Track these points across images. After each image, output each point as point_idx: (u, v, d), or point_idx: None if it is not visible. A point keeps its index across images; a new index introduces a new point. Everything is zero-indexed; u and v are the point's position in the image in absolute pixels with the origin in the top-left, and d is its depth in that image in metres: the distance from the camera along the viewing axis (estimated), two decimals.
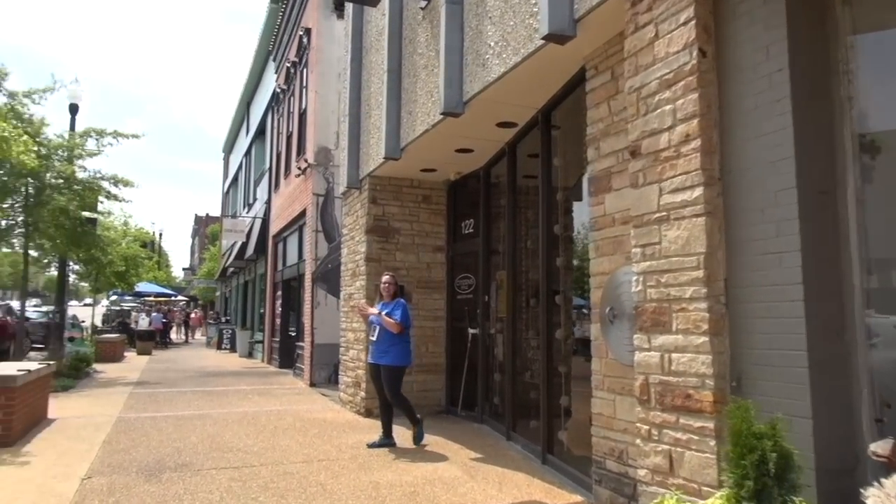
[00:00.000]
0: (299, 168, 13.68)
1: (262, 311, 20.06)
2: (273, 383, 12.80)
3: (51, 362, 8.29)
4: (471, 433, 7.42)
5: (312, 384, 12.30)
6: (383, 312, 6.91)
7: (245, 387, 12.09)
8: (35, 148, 11.87)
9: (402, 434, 6.85)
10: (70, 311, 31.53)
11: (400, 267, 8.82)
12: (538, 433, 6.09)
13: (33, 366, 7.58)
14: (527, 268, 6.83)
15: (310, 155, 13.10)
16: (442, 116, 6.22)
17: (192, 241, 79.34)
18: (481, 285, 8.10)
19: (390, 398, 6.86)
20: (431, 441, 6.88)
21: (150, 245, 36.93)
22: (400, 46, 7.48)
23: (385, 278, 7.13)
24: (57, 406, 8.81)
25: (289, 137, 16.20)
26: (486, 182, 8.16)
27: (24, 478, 5.27)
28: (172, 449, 6.35)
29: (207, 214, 61.39)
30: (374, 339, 6.90)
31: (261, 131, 23.03)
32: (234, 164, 31.71)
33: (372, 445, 6.75)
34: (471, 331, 8.20)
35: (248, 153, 25.81)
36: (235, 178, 30.41)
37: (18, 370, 6.74)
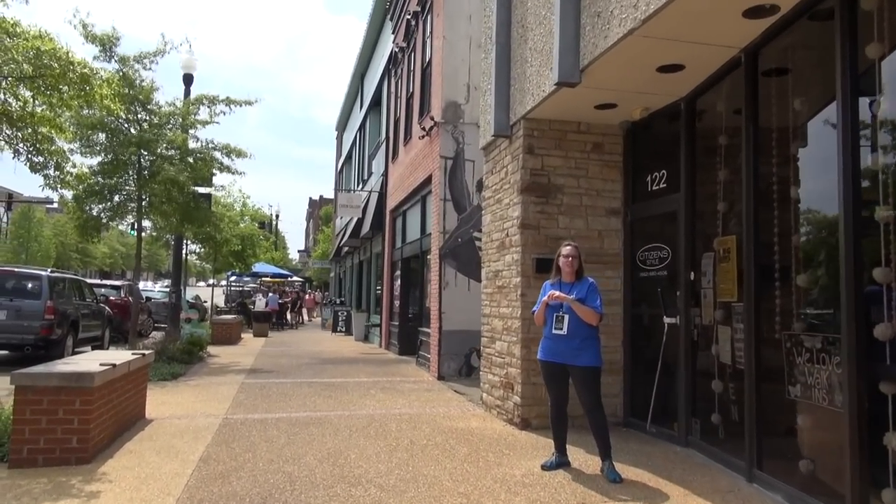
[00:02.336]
0: (423, 129, 11.93)
1: (378, 292, 18.73)
2: (395, 374, 11.21)
3: (146, 352, 6.97)
4: (679, 463, 5.32)
5: (440, 377, 10.59)
6: (573, 297, 4.98)
7: (365, 378, 10.57)
8: (124, 90, 10.82)
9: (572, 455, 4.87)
10: (193, 292, 32.13)
11: (563, 236, 6.78)
12: (820, 483, 3.90)
13: (125, 356, 6.24)
14: (780, 230, 4.59)
15: (436, 112, 11.29)
16: (662, 3, 4.13)
17: (307, 225, 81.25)
18: (683, 258, 5.92)
19: (589, 409, 5.06)
20: (622, 470, 4.89)
21: (268, 226, 37.10)
22: None
23: (567, 249, 5.20)
24: (158, 401, 7.55)
25: (409, 99, 14.52)
26: (690, 117, 5.94)
27: None
28: (283, 477, 4.71)
29: (321, 196, 62.07)
30: (561, 331, 4.98)
31: (375, 102, 21.69)
32: (347, 141, 30.83)
33: (547, 467, 5.09)
34: (667, 320, 6.06)
35: (361, 127, 24.62)
36: (349, 156, 29.48)
37: (101, 364, 5.35)
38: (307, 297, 35.50)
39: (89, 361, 5.60)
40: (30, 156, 6.73)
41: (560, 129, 6.85)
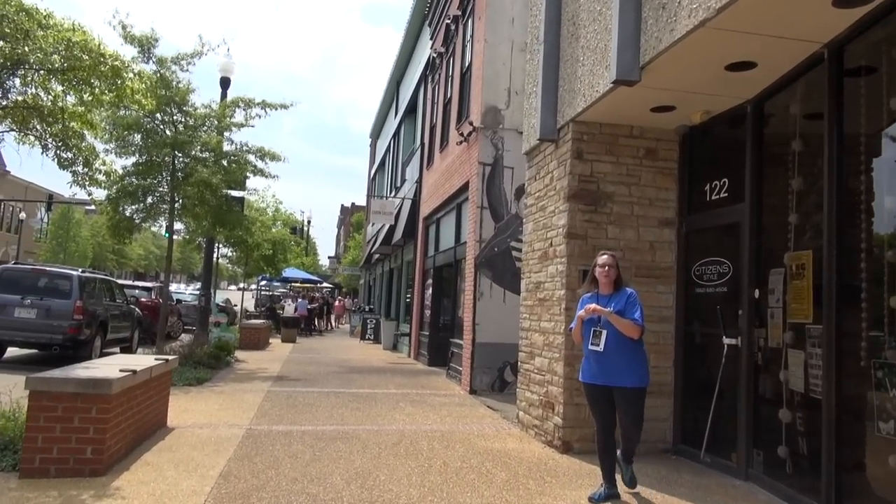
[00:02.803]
0: (461, 134, 11.57)
1: (408, 300, 18.40)
2: (425, 387, 10.81)
3: (170, 357, 6.68)
4: (741, 499, 4.82)
5: (472, 391, 10.17)
6: (610, 309, 4.55)
7: (394, 390, 10.19)
8: (161, 91, 10.70)
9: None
10: (224, 295, 32.22)
11: (613, 247, 6.33)
12: None
13: (147, 362, 5.95)
14: (868, 245, 4.09)
15: (475, 117, 10.93)
16: None
17: (338, 231, 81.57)
18: (747, 274, 5.43)
19: (634, 431, 4.65)
20: None
21: (299, 231, 37.12)
22: None
23: (603, 258, 4.76)
24: (181, 408, 7.28)
25: (446, 104, 14.20)
26: (758, 121, 5.47)
27: None
28: (308, 499, 4.34)
29: (353, 203, 62.20)
30: (597, 348, 4.54)
31: (410, 109, 21.48)
32: (381, 148, 30.71)
33: (595, 499, 4.61)
34: (726, 340, 5.56)
35: (396, 134, 24.43)
36: (382, 163, 29.34)
37: (121, 370, 5.06)
38: (336, 303, 35.32)
39: (109, 367, 5.31)
40: (58, 151, 6.54)
41: (611, 134, 6.42)
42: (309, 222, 45.45)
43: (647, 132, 6.47)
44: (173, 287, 37.36)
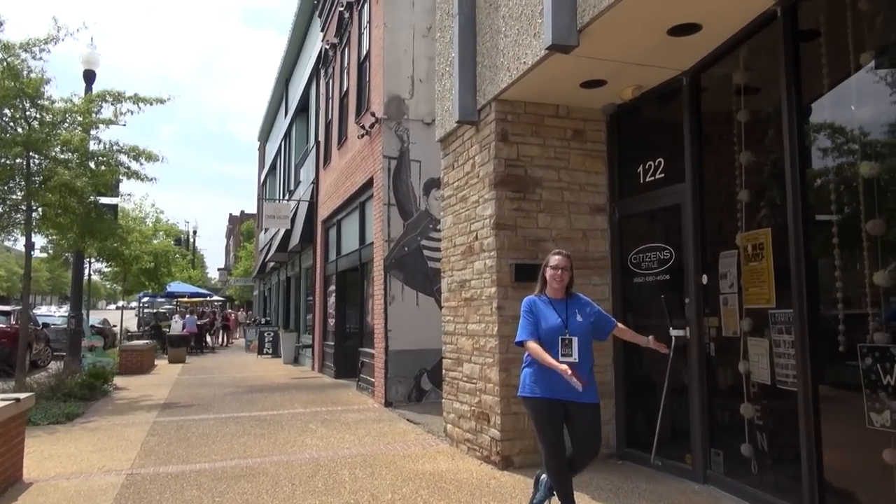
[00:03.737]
0: (362, 127, 10.75)
1: (309, 308, 17.31)
2: (335, 402, 9.89)
3: (21, 396, 5.38)
4: None
5: (388, 403, 9.38)
6: (580, 320, 3.99)
7: (301, 409, 9.22)
8: (8, 82, 9.21)
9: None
10: (101, 316, 29.33)
11: (544, 237, 5.80)
12: None
13: None
14: (843, 218, 3.72)
15: (377, 107, 10.15)
16: None
17: (227, 242, 77.77)
18: (692, 259, 5.02)
19: (593, 454, 4.04)
20: None
21: (184, 242, 34.63)
22: None
23: (556, 259, 4.09)
24: (44, 454, 6.02)
25: (343, 98, 13.31)
26: (695, 93, 5.08)
27: None
28: None
29: (242, 212, 59.32)
30: (571, 358, 3.90)
31: (302, 108, 20.32)
32: (270, 151, 29.14)
33: None
34: (673, 332, 5.12)
35: (287, 135, 23.15)
36: (273, 167, 27.81)
37: None
38: (230, 316, 33.15)
39: None
40: None
41: (536, 114, 5.87)
42: (195, 233, 42.63)
43: (574, 112, 5.98)
44: (42, 310, 33.72)
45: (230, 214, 71.23)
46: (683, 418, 5.09)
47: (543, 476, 4.15)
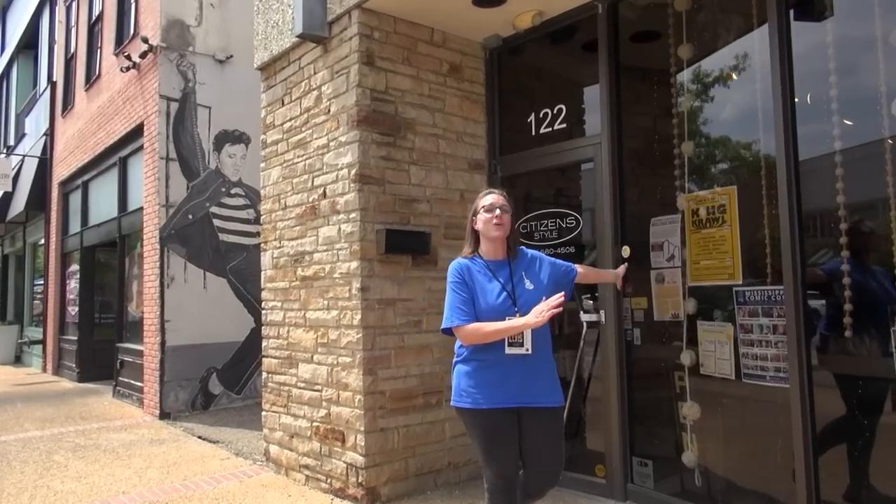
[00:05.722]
0: (128, 58, 8.26)
1: (38, 295, 13.73)
2: (88, 417, 7.47)
3: None
4: None
5: (164, 414, 7.29)
6: (541, 284, 2.77)
7: (36, 430, 6.72)
8: None
9: None
10: None
11: (418, 197, 4.47)
12: None
13: None
14: (838, 159, 3.00)
15: (152, 32, 7.81)
16: None
17: None
18: (610, 228, 4.09)
19: (559, 470, 2.83)
20: None
21: None
22: None
23: (492, 198, 2.89)
24: None
25: (94, 24, 10.40)
26: (614, 24, 4.14)
27: None
28: None
29: None
30: (522, 349, 2.67)
31: (25, 44, 16.10)
32: None
33: None
34: (584, 317, 4.17)
35: (4, 78, 18.34)
36: None
37: None
38: None
39: None
40: None
41: (409, 36, 4.49)
42: None
43: (451, 41, 4.71)
44: None
45: None
46: (596, 422, 4.19)
47: None
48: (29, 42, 15.90)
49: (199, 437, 6.20)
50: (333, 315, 4.34)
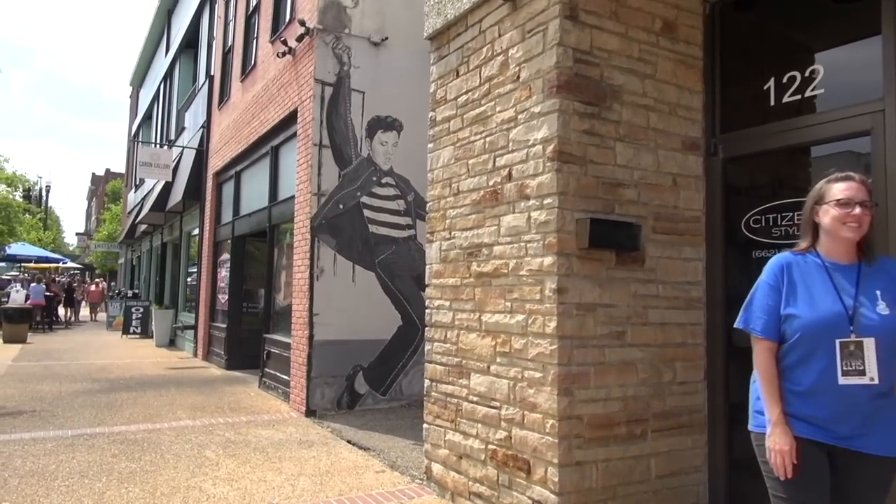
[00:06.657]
0: (284, 43, 8.07)
1: (191, 282, 14.30)
2: (236, 408, 7.32)
3: None
4: None
5: (310, 411, 6.97)
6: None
7: (188, 419, 6.61)
8: None
9: None
10: None
11: (624, 181, 3.66)
12: None
13: None
14: None
15: (308, 14, 7.55)
16: None
17: (89, 204, 69.93)
18: (888, 220, 3.08)
19: None
20: None
21: (35, 198, 29.49)
22: None
23: (847, 186, 2.10)
24: None
25: (251, 15, 10.48)
26: None
27: None
28: None
29: (108, 170, 52.70)
30: (864, 379, 1.86)
31: (188, 44, 16.92)
32: (146, 97, 24.94)
33: None
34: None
35: (168, 76, 19.52)
36: (149, 115, 23.77)
37: None
38: (92, 287, 28.29)
39: None
40: None
41: None
42: (48, 189, 36.64)
43: None
44: None
45: (93, 174, 63.52)
46: None
47: None
48: (191, 41, 16.70)
49: (349, 442, 5.76)
50: (518, 320, 3.64)
